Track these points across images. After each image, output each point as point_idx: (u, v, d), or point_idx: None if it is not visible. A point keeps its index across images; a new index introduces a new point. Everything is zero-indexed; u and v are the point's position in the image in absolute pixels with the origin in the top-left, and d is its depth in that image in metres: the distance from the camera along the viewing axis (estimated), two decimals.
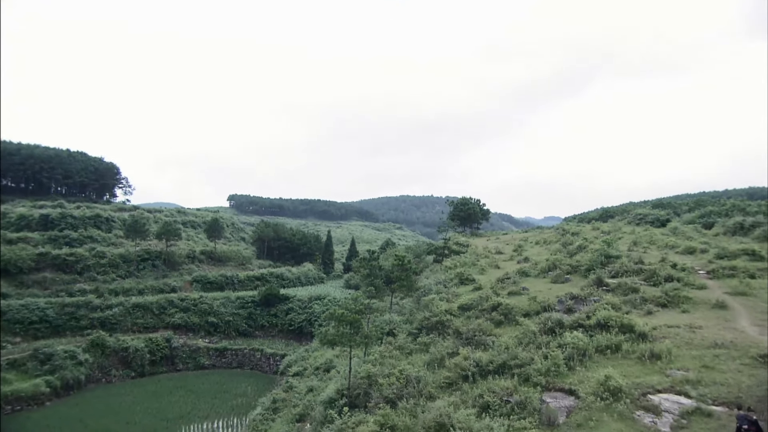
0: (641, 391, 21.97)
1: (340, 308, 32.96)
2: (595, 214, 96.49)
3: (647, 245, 53.61)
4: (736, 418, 14.92)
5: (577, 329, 29.47)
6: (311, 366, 51.70)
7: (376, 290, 53.73)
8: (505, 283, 45.06)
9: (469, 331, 32.40)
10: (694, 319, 30.37)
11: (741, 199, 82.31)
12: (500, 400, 22.79)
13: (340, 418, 25.85)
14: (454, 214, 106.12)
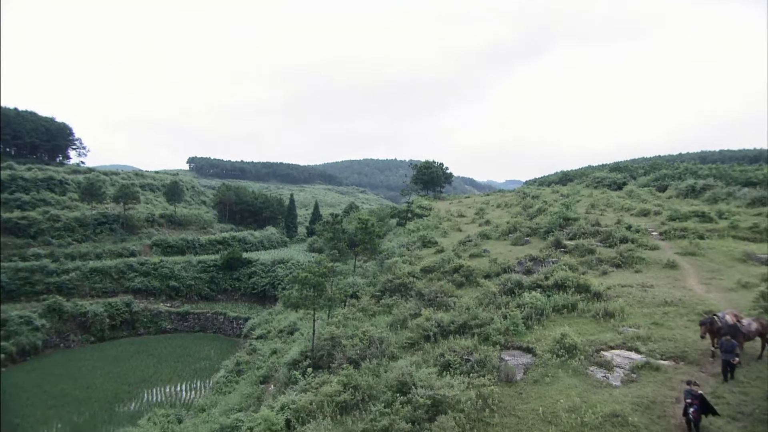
0: (595, 347, 22.88)
1: (304, 271, 33.01)
2: (555, 177, 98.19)
3: (604, 208, 55.03)
4: (683, 393, 15.71)
5: (535, 290, 30.32)
6: (275, 329, 51.91)
7: (339, 253, 53.96)
8: (466, 245, 45.77)
9: (432, 292, 32.95)
10: (647, 278, 31.56)
11: (693, 162, 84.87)
12: (461, 359, 23.42)
13: (303, 378, 26.18)
14: (417, 178, 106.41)
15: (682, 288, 29.29)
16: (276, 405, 22.93)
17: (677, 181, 66.89)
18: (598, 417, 17.74)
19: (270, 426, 20.05)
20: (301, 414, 21.18)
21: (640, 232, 41.22)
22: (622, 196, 62.93)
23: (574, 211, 49.38)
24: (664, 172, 73.76)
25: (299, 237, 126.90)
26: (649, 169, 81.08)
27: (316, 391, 23.26)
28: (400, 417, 19.00)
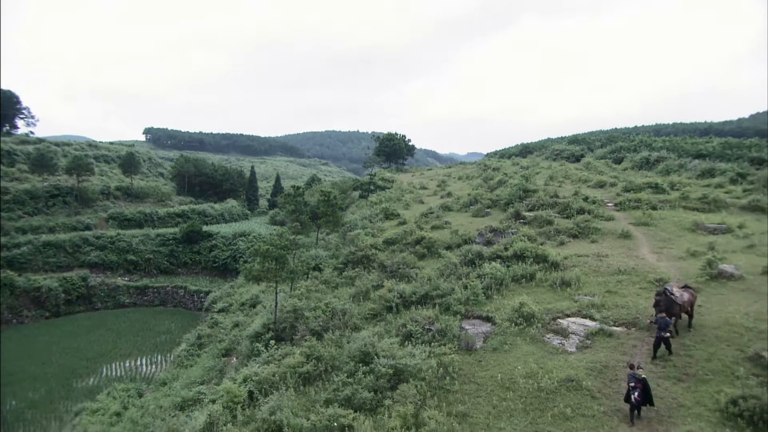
0: (552, 315, 23.59)
1: (266, 244, 32.78)
2: (516, 149, 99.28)
3: (562, 179, 56.14)
4: (627, 378, 16.27)
5: (495, 260, 30.91)
6: (237, 302, 51.64)
7: (301, 226, 53.65)
8: (428, 217, 46.15)
9: (394, 264, 33.22)
10: (602, 248, 32.53)
11: (648, 135, 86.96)
12: (422, 329, 23.83)
13: (266, 351, 26.22)
14: (379, 150, 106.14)
15: (635, 257, 30.32)
16: (238, 377, 22.96)
17: (632, 153, 68.58)
18: (554, 382, 18.39)
19: (232, 398, 20.10)
20: (264, 385, 21.27)
21: (597, 204, 42.29)
22: (579, 168, 64.27)
23: (533, 183, 50.25)
24: (620, 145, 75.45)
25: (260, 210, 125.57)
26: (606, 141, 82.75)
27: (279, 363, 23.36)
28: (363, 386, 19.29)
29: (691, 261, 28.40)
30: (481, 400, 18.59)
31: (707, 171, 53.01)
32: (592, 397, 17.58)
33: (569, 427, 16.46)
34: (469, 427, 17.22)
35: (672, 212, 39.38)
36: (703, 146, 63.85)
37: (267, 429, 17.20)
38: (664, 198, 43.05)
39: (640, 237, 34.51)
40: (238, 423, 18.47)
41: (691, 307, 20.04)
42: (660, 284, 25.13)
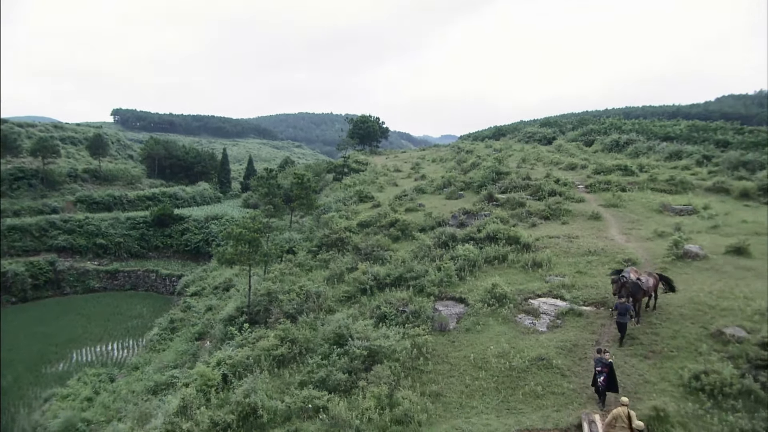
0: (523, 296, 24.00)
1: (239, 227, 32.52)
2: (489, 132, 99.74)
3: (534, 162, 56.69)
4: (594, 362, 16.60)
5: (468, 242, 31.21)
6: (210, 285, 51.24)
7: (275, 209, 53.30)
8: (402, 200, 46.26)
9: (368, 246, 33.30)
10: (573, 229, 33.07)
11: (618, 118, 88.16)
12: (396, 310, 24.03)
13: (240, 334, 26.16)
14: (353, 132, 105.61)
15: (605, 238, 30.91)
16: (212, 360, 22.90)
17: (603, 135, 69.49)
18: (525, 361, 18.77)
19: (206, 381, 20.06)
20: (238, 368, 21.26)
21: (568, 186, 42.87)
22: (551, 151, 64.96)
23: (506, 166, 50.64)
24: (591, 127, 76.38)
25: (233, 192, 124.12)
26: (577, 124, 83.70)
27: (253, 346, 23.35)
28: (337, 368, 19.43)
29: (659, 241, 29.08)
30: (454, 379, 18.89)
31: (675, 153, 54.06)
32: (562, 375, 18.01)
33: (540, 404, 16.85)
34: (442, 406, 17.51)
35: (640, 194, 40.17)
36: (671, 129, 65.06)
37: (241, 411, 17.23)
38: (633, 180, 43.85)
39: (610, 218, 35.15)
40: (212, 406, 18.46)
41: (654, 291, 20.52)
42: (627, 265, 25.72)
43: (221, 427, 16.64)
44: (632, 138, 62.98)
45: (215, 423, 16.95)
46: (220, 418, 17.14)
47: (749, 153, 47.61)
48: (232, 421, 17.02)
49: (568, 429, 15.28)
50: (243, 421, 17.17)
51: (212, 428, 16.62)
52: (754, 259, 25.29)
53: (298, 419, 17.10)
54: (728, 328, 18.45)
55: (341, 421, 16.24)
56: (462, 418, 16.62)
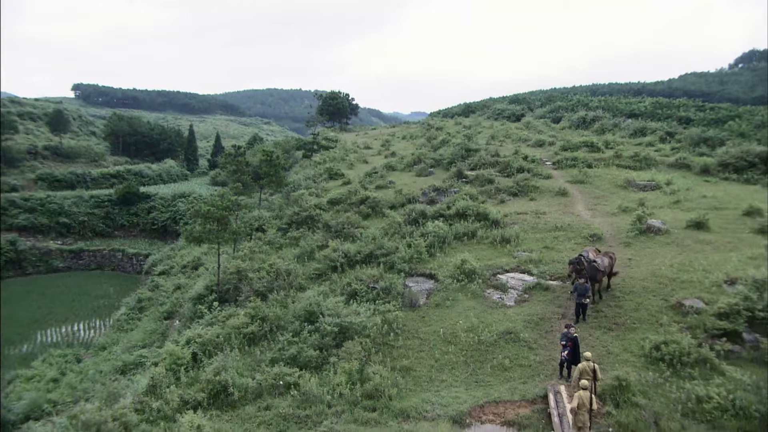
0: (492, 271, 24.37)
1: (207, 205, 32.10)
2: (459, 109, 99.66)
3: (503, 139, 57.11)
4: (560, 337, 16.97)
5: (438, 219, 31.44)
6: (178, 264, 50.63)
7: (243, 186, 52.68)
8: (373, 177, 46.20)
9: (338, 224, 33.26)
10: (540, 205, 33.58)
11: (585, 95, 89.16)
12: (367, 287, 24.15)
13: (210, 312, 26.00)
14: (322, 109, 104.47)
15: (571, 214, 31.49)
16: (181, 339, 22.74)
17: (570, 112, 70.25)
18: (494, 335, 19.16)
19: (176, 360, 19.93)
20: (208, 347, 21.17)
21: (536, 162, 43.39)
22: (520, 128, 65.46)
23: (475, 143, 50.90)
24: (559, 104, 77.10)
25: (201, 170, 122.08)
26: (545, 101, 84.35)
27: (223, 324, 23.25)
28: (308, 345, 19.51)
29: (623, 217, 29.76)
30: (424, 354, 19.18)
31: (639, 130, 55.07)
32: (529, 348, 18.45)
33: (507, 376, 17.26)
34: (412, 380, 17.78)
35: (606, 170, 40.91)
36: (636, 106, 66.14)
37: (212, 389, 17.21)
38: (599, 156, 44.58)
39: (576, 194, 35.78)
40: (182, 384, 18.38)
41: (611, 270, 20.93)
42: (593, 240, 26.30)
43: (191, 405, 16.60)
44: (599, 115, 63.86)
45: (185, 401, 16.90)
46: (191, 396, 17.09)
47: (710, 130, 48.78)
48: (203, 399, 17.00)
49: (534, 400, 15.70)
50: (213, 399, 17.16)
51: (182, 406, 16.56)
52: (713, 232, 26.13)
53: (269, 396, 17.17)
54: (687, 300, 19.10)
55: (312, 397, 16.37)
56: (432, 391, 16.93)
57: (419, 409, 15.63)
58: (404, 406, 15.89)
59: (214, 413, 16.47)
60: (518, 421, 14.78)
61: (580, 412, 13.39)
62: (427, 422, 14.79)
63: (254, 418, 16.02)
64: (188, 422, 14.40)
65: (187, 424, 14.29)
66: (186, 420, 14.58)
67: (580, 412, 13.36)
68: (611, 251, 22.10)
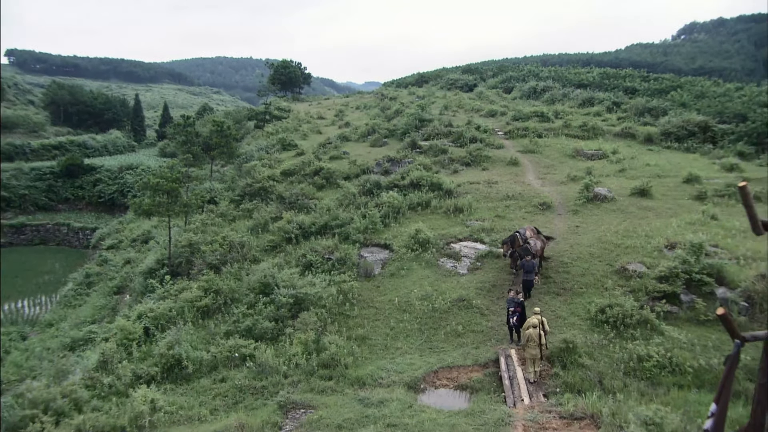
0: (445, 240, 24.74)
1: (156, 177, 31.24)
2: (412, 78, 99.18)
3: (456, 109, 57.37)
4: (507, 302, 17.43)
5: (392, 189, 31.56)
6: (127, 238, 49.30)
7: (194, 158, 51.37)
8: (326, 147, 45.79)
9: (292, 195, 32.99)
10: (492, 175, 34.09)
11: (536, 65, 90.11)
12: (322, 258, 24.20)
13: (161, 286, 25.53)
14: (274, 78, 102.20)
15: (522, 183, 32.14)
16: (133, 314, 22.32)
17: (521, 83, 71.00)
18: (447, 302, 19.57)
19: (127, 335, 19.58)
20: (161, 321, 20.86)
21: (488, 132, 43.86)
22: (472, 98, 65.81)
23: (428, 113, 50.95)
24: (510, 74, 77.74)
25: (149, 141, 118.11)
26: (497, 71, 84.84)
27: (176, 298, 22.92)
28: (263, 317, 19.50)
29: (571, 185, 30.58)
30: (379, 323, 19.46)
31: (587, 100, 56.25)
32: (481, 314, 18.95)
33: (460, 342, 17.73)
34: (368, 348, 18.05)
35: (556, 140, 41.78)
36: (585, 76, 67.40)
37: (165, 363, 17.04)
38: (549, 126, 45.42)
39: (527, 164, 36.46)
40: (135, 359, 18.12)
41: (542, 254, 21.18)
42: (543, 209, 26.98)
43: (145, 380, 16.42)
44: (549, 85, 64.77)
45: (138, 376, 16.70)
46: (143, 370, 16.90)
47: (654, 100, 50.29)
48: (156, 374, 16.83)
49: (486, 364, 16.21)
50: (167, 373, 17.02)
51: (135, 381, 16.36)
52: (656, 199, 27.21)
53: (224, 368, 17.15)
54: (631, 265, 19.94)
55: (268, 368, 16.43)
56: (387, 358, 17.25)
57: (375, 377, 15.92)
58: (360, 374, 16.14)
59: (168, 387, 16.37)
60: (471, 384, 15.25)
61: (529, 346, 14.81)
62: (382, 389, 15.09)
63: (209, 391, 16.00)
64: (141, 396, 14.27)
65: (141, 399, 14.16)
66: (139, 394, 14.44)
67: (530, 346, 14.86)
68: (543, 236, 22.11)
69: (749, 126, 37.44)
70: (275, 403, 14.37)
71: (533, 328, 14.86)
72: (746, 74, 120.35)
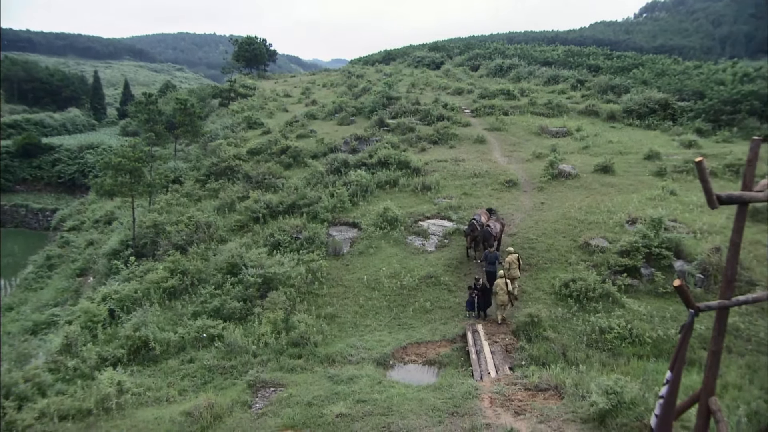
0: (413, 218, 24.90)
1: (117, 156, 30.52)
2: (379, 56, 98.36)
3: (423, 87, 57.25)
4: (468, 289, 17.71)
5: (360, 168, 31.51)
6: (89, 219, 48.14)
7: (157, 137, 50.21)
8: (293, 126, 45.29)
9: (259, 174, 32.64)
10: (459, 153, 34.30)
11: (502, 43, 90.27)
12: (290, 238, 24.11)
13: (126, 268, 25.10)
14: (239, 55, 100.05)
15: (489, 160, 32.43)
16: (97, 296, 21.92)
17: (488, 60, 71.12)
18: (415, 279, 19.78)
19: (92, 317, 19.24)
20: (126, 303, 20.57)
21: (455, 110, 43.96)
22: (439, 75, 65.75)
23: (396, 91, 50.76)
24: (477, 52, 77.77)
25: (109, 120, 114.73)
26: (464, 48, 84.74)
27: (141, 280, 22.60)
28: (232, 297, 19.41)
29: (536, 162, 31.01)
30: (348, 301, 19.57)
31: (552, 78, 56.75)
32: (449, 290, 19.24)
33: (428, 318, 17.99)
34: (337, 326, 18.17)
35: (521, 117, 42.16)
36: (550, 54, 67.88)
37: (132, 345, 16.86)
38: (515, 104, 45.77)
39: (493, 141, 36.76)
40: (100, 342, 17.86)
41: (500, 236, 21.18)
42: (509, 186, 27.34)
43: (111, 362, 16.21)
44: (515, 63, 65.06)
45: (104, 358, 16.48)
46: (109, 353, 16.68)
47: (616, 78, 51.04)
48: (123, 356, 16.64)
49: (454, 339, 16.51)
50: (134, 355, 16.85)
51: (101, 364, 16.15)
52: (618, 176, 27.85)
53: (192, 349, 17.05)
54: (594, 240, 20.44)
55: (237, 348, 16.41)
56: (356, 336, 17.39)
57: (344, 354, 16.05)
58: (330, 351, 16.26)
59: (135, 369, 16.21)
60: (439, 359, 15.53)
61: (498, 294, 16.62)
62: (352, 366, 15.24)
63: (178, 371, 15.91)
64: (107, 379, 14.10)
65: (107, 381, 13.99)
66: (105, 377, 14.26)
67: (499, 294, 16.58)
68: (502, 217, 22.37)
69: (706, 103, 38.38)
70: (245, 382, 14.39)
71: (500, 279, 16.54)
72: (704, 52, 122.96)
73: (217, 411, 12.52)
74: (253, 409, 13.04)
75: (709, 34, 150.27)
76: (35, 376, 14.81)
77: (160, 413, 13.14)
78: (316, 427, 11.67)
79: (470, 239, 20.77)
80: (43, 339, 22.00)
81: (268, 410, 12.74)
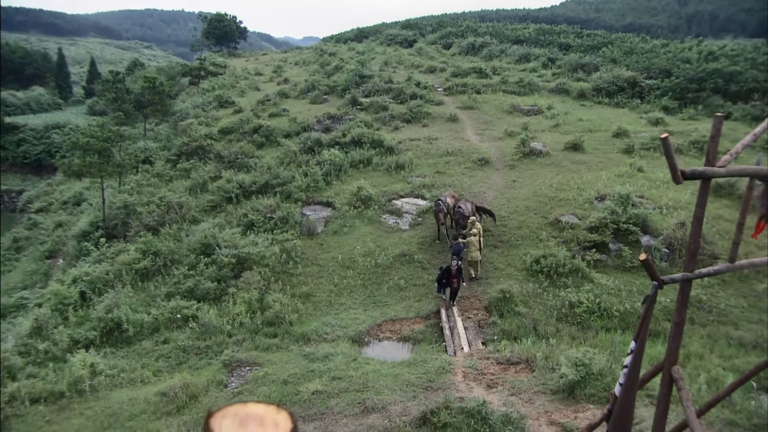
0: (387, 197, 25.00)
1: (85, 136, 29.89)
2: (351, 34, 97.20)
3: (396, 65, 56.96)
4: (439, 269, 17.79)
5: (334, 147, 31.38)
6: (57, 200, 47.16)
7: (125, 116, 49.13)
8: (265, 104, 44.76)
9: (231, 154, 32.30)
10: (432, 131, 34.38)
11: (474, 21, 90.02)
12: (264, 217, 24.02)
13: (97, 249, 24.74)
14: (208, 32, 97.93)
15: (462, 139, 32.59)
16: (67, 278, 21.63)
17: (460, 38, 70.89)
18: (390, 258, 19.95)
19: (62, 300, 19.00)
20: (97, 285, 20.34)
21: (428, 89, 43.90)
22: (412, 54, 65.42)
23: (369, 69, 50.39)
24: (449, 30, 77.44)
25: (76, 99, 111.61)
26: (436, 26, 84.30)
27: (113, 261, 22.34)
28: (205, 277, 19.35)
29: (508, 141, 31.26)
30: (323, 280, 19.68)
31: (524, 56, 56.92)
32: (423, 268, 19.46)
33: (403, 296, 18.22)
34: (312, 305, 18.29)
35: (493, 96, 42.32)
36: (521, 32, 67.98)
37: (104, 327, 16.74)
38: (487, 82, 45.86)
39: (466, 120, 36.90)
40: (71, 324, 17.68)
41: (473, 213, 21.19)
42: (481, 164, 27.58)
43: (83, 345, 16.09)
44: (486, 41, 64.97)
45: (76, 341, 16.35)
46: (81, 335, 16.55)
47: (586, 56, 51.48)
48: (95, 338, 16.52)
49: (428, 315, 16.79)
50: (107, 337, 16.74)
51: (73, 346, 16.02)
52: (587, 153, 28.28)
53: (166, 330, 17.02)
54: (564, 216, 20.83)
55: (212, 328, 16.44)
56: (331, 314, 17.54)
57: (319, 332, 16.21)
58: (305, 330, 16.39)
59: (109, 351, 16.14)
60: (413, 336, 15.79)
61: (471, 250, 17.93)
62: (327, 343, 15.41)
63: (152, 352, 15.90)
64: (80, 361, 14.05)
65: (79, 363, 13.94)
66: (77, 359, 14.20)
67: (471, 250, 17.91)
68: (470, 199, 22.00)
69: (673, 81, 39.02)
70: (220, 362, 14.46)
71: (473, 236, 17.79)
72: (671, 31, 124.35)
73: (192, 391, 12.60)
74: (228, 389, 13.15)
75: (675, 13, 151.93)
76: (5, 359, 14.67)
77: (135, 394, 13.16)
78: (293, 404, 11.83)
79: (442, 216, 20.83)
80: (12, 322, 21.69)
81: (244, 389, 12.86)
